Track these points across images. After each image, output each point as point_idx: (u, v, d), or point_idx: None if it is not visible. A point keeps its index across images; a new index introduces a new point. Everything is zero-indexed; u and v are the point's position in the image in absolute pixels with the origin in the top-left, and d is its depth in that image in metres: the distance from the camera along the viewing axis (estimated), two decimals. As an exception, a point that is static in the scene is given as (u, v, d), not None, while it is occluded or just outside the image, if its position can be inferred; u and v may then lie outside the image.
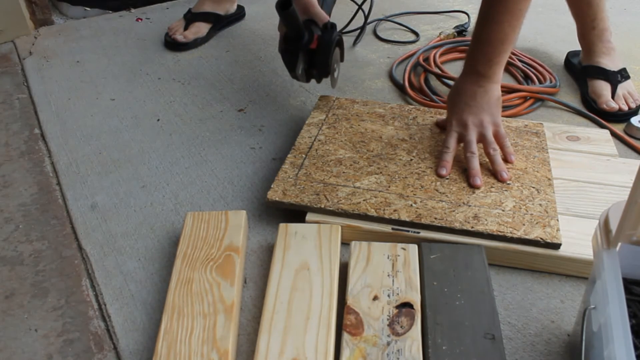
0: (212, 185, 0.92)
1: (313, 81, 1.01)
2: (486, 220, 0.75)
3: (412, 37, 1.40)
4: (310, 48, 0.94)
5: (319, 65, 0.95)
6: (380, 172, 0.84)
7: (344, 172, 0.84)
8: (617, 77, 1.09)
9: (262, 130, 1.05)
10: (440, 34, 1.36)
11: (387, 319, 0.63)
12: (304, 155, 0.88)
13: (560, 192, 0.82)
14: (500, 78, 0.87)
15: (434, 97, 1.11)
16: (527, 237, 0.72)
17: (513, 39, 0.83)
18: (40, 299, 0.73)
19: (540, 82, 1.16)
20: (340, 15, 1.40)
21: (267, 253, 0.78)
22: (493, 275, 0.74)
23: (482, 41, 0.85)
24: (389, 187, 0.81)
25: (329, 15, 1.07)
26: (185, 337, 0.62)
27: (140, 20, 1.52)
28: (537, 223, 0.74)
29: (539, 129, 0.95)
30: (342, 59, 1.04)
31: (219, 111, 1.12)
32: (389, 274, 0.69)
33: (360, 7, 1.37)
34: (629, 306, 0.54)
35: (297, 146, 0.91)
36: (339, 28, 1.38)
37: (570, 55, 1.24)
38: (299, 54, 0.94)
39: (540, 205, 0.78)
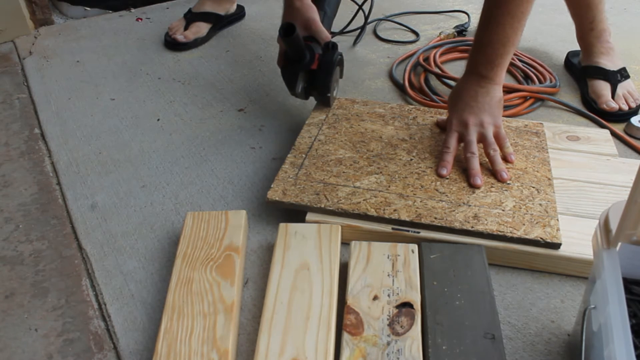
0: (212, 185, 0.92)
1: None
2: (486, 220, 0.75)
3: (412, 37, 1.40)
4: (311, 68, 0.94)
5: (318, 85, 0.95)
6: (380, 172, 0.84)
7: (344, 172, 0.84)
8: (616, 77, 1.09)
9: (262, 130, 1.05)
10: (440, 33, 1.36)
11: (387, 319, 0.63)
12: (304, 155, 0.88)
13: (560, 192, 0.82)
14: (502, 80, 0.87)
15: (434, 97, 1.11)
16: (527, 237, 0.72)
17: (515, 41, 0.83)
18: (40, 298, 0.73)
19: (540, 82, 1.16)
20: (341, 15, 1.40)
21: (267, 253, 0.78)
22: (493, 275, 0.74)
23: (484, 43, 0.85)
24: (389, 187, 0.81)
25: (330, 28, 1.06)
26: (185, 337, 0.62)
27: (140, 20, 1.52)
28: (537, 223, 0.74)
29: (539, 129, 0.95)
30: (341, 76, 1.04)
31: (219, 111, 1.12)
32: (389, 273, 0.69)
33: (360, 7, 1.37)
34: (629, 306, 0.54)
35: (297, 146, 0.91)
36: (339, 28, 1.39)
37: (570, 55, 1.24)
38: (299, 74, 0.94)
39: (540, 205, 0.78)
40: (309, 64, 0.93)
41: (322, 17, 0.99)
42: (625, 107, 1.06)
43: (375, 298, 0.66)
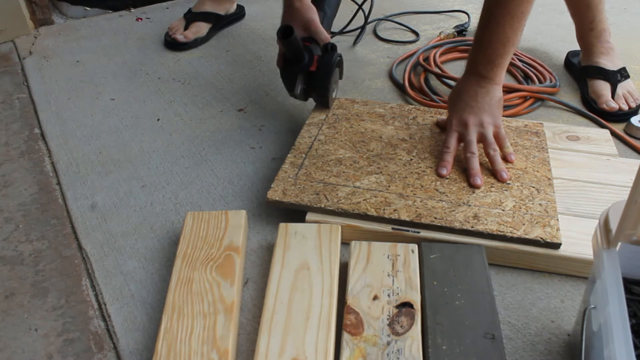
0: (212, 185, 0.92)
1: None
2: (486, 220, 0.75)
3: (412, 36, 1.40)
4: (310, 70, 0.94)
5: (317, 87, 0.95)
6: (380, 172, 0.84)
7: (343, 172, 0.84)
8: (616, 77, 1.09)
9: (262, 130, 1.05)
10: (440, 33, 1.36)
11: (387, 319, 0.63)
12: (304, 155, 0.88)
13: (560, 191, 0.82)
14: (502, 80, 0.87)
15: (434, 96, 1.11)
16: (527, 236, 0.72)
17: (515, 41, 0.83)
18: (40, 298, 0.73)
19: (540, 82, 1.16)
20: (341, 15, 1.40)
21: (267, 253, 0.78)
22: (493, 275, 0.74)
23: (484, 43, 0.85)
24: (389, 186, 0.81)
25: (330, 29, 1.06)
26: (185, 337, 0.62)
27: (140, 20, 1.52)
28: (537, 223, 0.74)
29: (539, 129, 0.95)
30: (340, 77, 1.04)
31: (219, 111, 1.12)
32: (389, 273, 0.69)
33: (360, 6, 1.37)
34: (629, 306, 0.54)
35: (297, 146, 0.91)
36: (338, 28, 1.39)
37: (570, 55, 1.24)
38: (298, 76, 0.94)
39: (540, 205, 0.78)
40: (307, 66, 0.93)
41: (321, 17, 0.99)
42: (625, 107, 1.06)
43: (375, 298, 0.66)
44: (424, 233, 0.75)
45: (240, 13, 1.49)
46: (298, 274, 0.69)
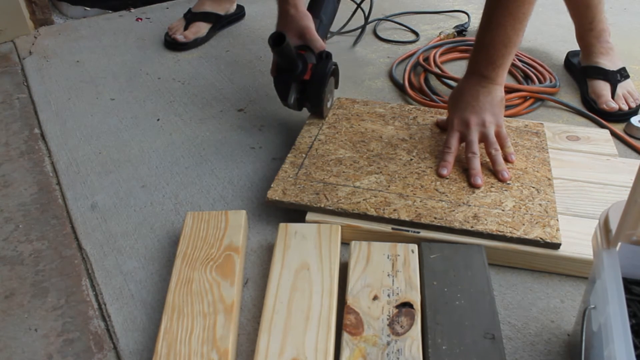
0: (212, 185, 0.92)
1: None
2: (486, 220, 0.75)
3: (412, 36, 1.40)
4: (304, 79, 0.92)
5: (311, 96, 0.93)
6: (380, 172, 0.84)
7: (344, 172, 0.84)
8: (616, 77, 1.09)
9: (262, 130, 1.05)
10: (440, 33, 1.36)
11: (387, 319, 0.63)
12: (304, 155, 0.88)
13: (560, 191, 0.82)
14: (503, 80, 0.86)
15: (434, 97, 1.11)
16: (526, 236, 0.72)
17: (516, 42, 0.83)
18: (40, 298, 0.73)
19: (540, 82, 1.16)
20: (340, 14, 1.40)
21: (267, 253, 0.78)
22: (493, 275, 0.74)
23: (485, 44, 0.85)
24: (389, 186, 0.81)
25: (326, 37, 1.05)
26: (185, 337, 0.62)
27: (140, 20, 1.52)
28: (536, 223, 0.74)
29: (539, 129, 0.95)
30: (336, 86, 1.02)
31: (219, 111, 1.12)
32: (388, 273, 0.69)
33: (359, 5, 1.37)
34: (629, 306, 0.54)
35: (297, 146, 0.91)
36: (337, 28, 1.39)
37: (570, 55, 1.24)
38: (292, 85, 0.92)
39: (540, 205, 0.78)
40: (301, 74, 0.91)
41: (317, 25, 0.97)
42: (625, 107, 1.06)
43: (375, 298, 0.66)
44: (424, 233, 0.75)
45: (240, 13, 1.49)
46: (298, 274, 0.69)
